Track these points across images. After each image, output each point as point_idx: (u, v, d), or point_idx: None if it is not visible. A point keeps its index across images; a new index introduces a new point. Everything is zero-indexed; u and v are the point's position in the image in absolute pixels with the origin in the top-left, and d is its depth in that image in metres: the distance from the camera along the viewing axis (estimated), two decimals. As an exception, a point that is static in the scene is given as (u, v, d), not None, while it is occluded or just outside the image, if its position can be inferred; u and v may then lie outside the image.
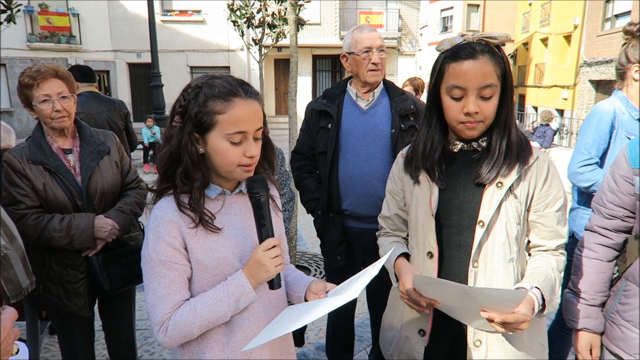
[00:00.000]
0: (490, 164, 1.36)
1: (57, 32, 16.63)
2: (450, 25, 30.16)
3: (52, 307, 2.06)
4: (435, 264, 1.43)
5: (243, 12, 10.78)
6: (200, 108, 1.17)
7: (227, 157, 1.20)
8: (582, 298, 1.54)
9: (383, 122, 2.36)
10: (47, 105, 1.95)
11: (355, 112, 2.40)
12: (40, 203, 1.96)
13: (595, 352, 1.52)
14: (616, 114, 2.14)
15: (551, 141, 11.39)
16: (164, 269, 1.19)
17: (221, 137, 1.18)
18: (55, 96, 1.95)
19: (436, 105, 1.42)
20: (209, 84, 1.20)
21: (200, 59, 17.85)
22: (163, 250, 1.18)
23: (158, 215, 1.21)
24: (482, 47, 1.31)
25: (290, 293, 1.42)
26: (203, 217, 1.21)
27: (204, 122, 1.18)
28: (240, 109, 1.18)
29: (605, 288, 1.52)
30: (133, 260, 2.15)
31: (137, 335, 3.33)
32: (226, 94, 1.18)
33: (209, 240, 1.22)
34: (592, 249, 1.55)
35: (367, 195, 2.35)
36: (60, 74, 1.99)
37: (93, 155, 2.07)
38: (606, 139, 2.16)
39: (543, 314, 1.35)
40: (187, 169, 1.20)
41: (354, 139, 2.37)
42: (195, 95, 1.19)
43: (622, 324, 1.43)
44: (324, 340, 3.25)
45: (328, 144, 2.38)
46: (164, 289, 1.18)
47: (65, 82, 2.01)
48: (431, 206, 1.42)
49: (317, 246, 5.26)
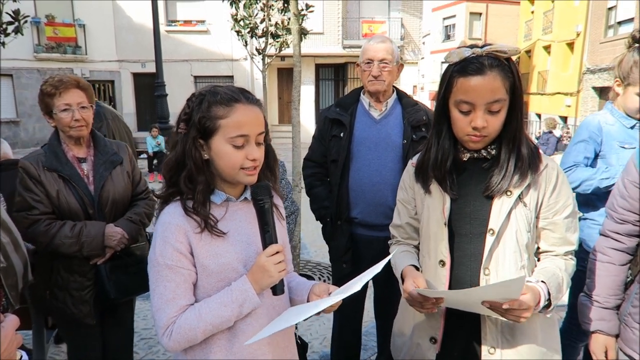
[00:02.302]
0: (499, 177, 1.37)
1: (64, 43, 16.79)
2: (452, 34, 30.28)
3: (57, 314, 2.09)
4: (447, 272, 1.44)
5: (247, 22, 10.87)
6: (204, 114, 1.22)
7: (230, 161, 1.23)
8: (596, 301, 1.56)
9: (395, 132, 2.38)
10: (67, 114, 2.00)
11: (367, 122, 2.42)
12: (53, 209, 1.99)
13: (610, 354, 1.54)
14: (601, 126, 2.17)
15: (555, 148, 11.39)
16: (170, 273, 1.21)
17: (224, 141, 1.22)
18: (75, 106, 2.01)
19: (445, 115, 1.42)
20: (212, 91, 1.26)
21: (204, 69, 17.97)
22: (170, 255, 1.21)
23: (165, 220, 1.24)
24: (491, 62, 1.30)
25: (294, 297, 1.43)
26: (208, 221, 1.23)
27: (207, 127, 1.22)
28: (241, 113, 1.23)
29: (619, 291, 1.54)
30: (139, 269, 2.17)
31: (142, 345, 3.35)
32: (228, 99, 1.23)
33: (215, 245, 1.25)
34: (605, 252, 1.57)
35: (377, 204, 2.36)
36: (81, 84, 2.07)
37: (106, 164, 2.12)
38: (592, 150, 2.20)
39: (548, 310, 1.36)
40: (191, 173, 1.23)
41: (365, 148, 2.39)
42: (199, 103, 1.24)
43: (634, 326, 1.44)
44: (328, 349, 3.24)
45: (340, 152, 2.41)
46: (170, 293, 1.21)
47: (86, 93, 2.07)
48: (444, 215, 1.43)
49: (320, 255, 5.25)
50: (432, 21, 32.16)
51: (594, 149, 2.20)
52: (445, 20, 31.03)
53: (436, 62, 31.18)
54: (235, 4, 10.67)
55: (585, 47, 17.86)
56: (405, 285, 1.42)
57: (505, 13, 28.47)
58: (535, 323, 1.41)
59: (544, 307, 1.33)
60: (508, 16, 28.17)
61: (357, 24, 18.36)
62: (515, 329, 1.39)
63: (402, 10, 18.65)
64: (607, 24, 16.49)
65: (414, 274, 1.45)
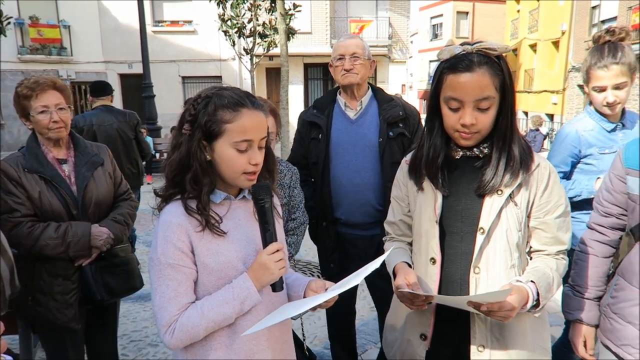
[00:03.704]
0: (491, 177, 1.37)
1: (48, 44, 16.55)
2: (440, 33, 30.46)
3: (40, 320, 2.04)
4: (438, 270, 1.44)
5: (234, 22, 10.85)
6: (210, 117, 1.23)
7: (233, 164, 1.25)
8: (577, 291, 1.61)
9: (371, 131, 2.37)
10: (45, 116, 1.98)
11: (344, 122, 2.41)
12: (35, 212, 1.97)
13: (589, 343, 1.58)
14: (579, 136, 2.20)
15: (541, 146, 11.51)
16: (172, 272, 1.22)
17: (228, 145, 1.24)
18: (53, 107, 1.99)
19: (437, 112, 1.43)
20: (218, 94, 1.26)
21: (192, 69, 17.85)
22: (172, 254, 1.22)
23: (166, 220, 1.25)
24: (480, 59, 1.31)
25: (290, 294, 1.45)
26: (209, 221, 1.25)
27: (213, 130, 1.23)
28: (247, 119, 1.24)
29: (601, 283, 1.57)
30: (124, 270, 2.16)
31: (132, 347, 3.32)
32: (235, 104, 1.24)
33: (215, 244, 1.26)
34: (589, 245, 1.61)
35: (359, 205, 2.37)
36: (58, 85, 2.03)
37: (88, 165, 2.10)
38: (569, 163, 2.26)
39: (537, 309, 1.36)
40: (197, 175, 1.24)
41: (343, 149, 2.38)
42: (205, 105, 1.24)
43: (611, 317, 1.48)
44: (318, 347, 3.26)
45: (319, 154, 2.41)
46: (172, 292, 1.22)
47: (63, 94, 2.04)
48: (435, 213, 1.44)
49: (310, 254, 5.26)
50: (419, 20, 32.33)
51: (571, 162, 2.26)
52: (432, 20, 31.21)
53: (424, 61, 31.37)
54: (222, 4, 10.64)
55: (570, 45, 18.09)
56: (397, 281, 1.43)
57: (491, 12, 28.73)
58: (525, 323, 1.42)
59: (532, 307, 1.34)
60: (494, 15, 28.43)
61: (345, 23, 18.37)
62: (504, 328, 1.39)
63: (390, 10, 18.70)
64: (591, 23, 16.73)
65: (406, 271, 1.46)
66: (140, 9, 10.42)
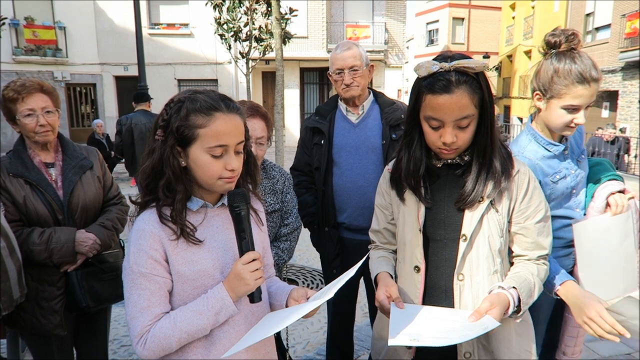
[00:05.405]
0: (470, 190, 1.38)
1: (43, 45, 16.50)
2: (436, 38, 30.59)
3: (25, 327, 2.00)
4: (422, 278, 1.44)
5: (230, 25, 10.85)
6: (182, 122, 1.19)
7: (208, 170, 1.21)
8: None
9: (374, 134, 2.40)
10: (32, 119, 1.94)
11: (346, 127, 2.45)
12: (20, 217, 1.94)
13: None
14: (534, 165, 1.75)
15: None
16: (144, 281, 1.19)
17: (202, 151, 1.20)
18: (39, 111, 1.96)
19: (417, 125, 1.43)
20: (191, 98, 1.22)
21: (188, 72, 17.84)
22: (144, 263, 1.19)
23: (140, 228, 1.21)
24: (459, 77, 1.30)
25: (273, 302, 1.42)
26: (184, 229, 1.21)
27: (186, 136, 1.19)
28: (221, 123, 1.20)
29: None
30: (113, 277, 2.12)
31: (122, 352, 3.29)
32: (208, 108, 1.20)
33: (190, 252, 1.23)
34: None
35: (364, 207, 2.38)
36: (45, 88, 1.99)
37: (75, 169, 2.06)
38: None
39: (518, 315, 1.37)
40: (170, 182, 1.21)
41: (346, 153, 2.41)
42: (177, 110, 1.20)
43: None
44: (311, 353, 3.24)
45: (321, 159, 2.43)
46: (144, 302, 1.18)
47: (50, 97, 2.01)
48: (419, 221, 1.44)
49: (304, 259, 5.24)
50: (415, 26, 32.49)
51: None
52: (428, 25, 31.32)
53: (420, 66, 31.38)
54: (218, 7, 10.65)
55: (564, 52, 18.20)
56: (377, 293, 1.43)
57: (487, 18, 28.89)
58: (510, 328, 1.43)
59: (514, 313, 1.35)
60: (490, 21, 28.61)
61: (341, 28, 18.42)
62: (490, 335, 1.40)
63: (386, 15, 18.78)
64: (585, 30, 16.85)
65: (387, 282, 1.46)
66: (136, 11, 10.40)
